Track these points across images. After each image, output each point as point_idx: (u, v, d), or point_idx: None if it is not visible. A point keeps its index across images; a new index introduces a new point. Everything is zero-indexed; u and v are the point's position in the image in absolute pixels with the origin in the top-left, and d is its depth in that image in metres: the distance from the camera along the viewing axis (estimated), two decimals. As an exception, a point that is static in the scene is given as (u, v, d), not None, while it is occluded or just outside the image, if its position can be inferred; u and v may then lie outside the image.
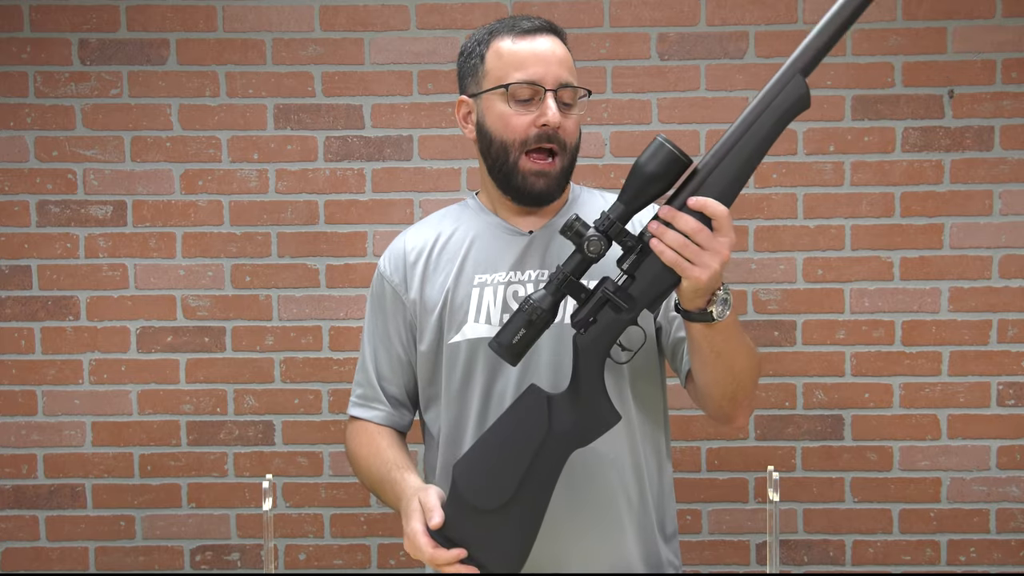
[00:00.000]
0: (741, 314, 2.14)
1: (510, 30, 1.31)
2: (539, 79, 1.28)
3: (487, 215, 1.39)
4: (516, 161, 1.29)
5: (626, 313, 1.17)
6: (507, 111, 1.29)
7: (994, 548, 2.15)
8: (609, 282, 1.18)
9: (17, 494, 2.19)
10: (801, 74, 1.13)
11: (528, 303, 1.17)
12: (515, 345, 1.17)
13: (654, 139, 1.14)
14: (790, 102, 1.13)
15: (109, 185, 2.16)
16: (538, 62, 1.28)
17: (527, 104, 1.28)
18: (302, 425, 2.18)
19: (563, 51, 1.31)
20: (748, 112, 1.13)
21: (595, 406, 1.20)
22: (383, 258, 1.43)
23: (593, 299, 1.18)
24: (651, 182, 1.13)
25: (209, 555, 2.20)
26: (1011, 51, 2.09)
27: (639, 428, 1.34)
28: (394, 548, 2.19)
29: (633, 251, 1.16)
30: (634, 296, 1.16)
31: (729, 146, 1.13)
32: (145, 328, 2.17)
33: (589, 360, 1.19)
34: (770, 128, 1.13)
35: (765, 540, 2.14)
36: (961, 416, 2.14)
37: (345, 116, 2.15)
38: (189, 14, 2.13)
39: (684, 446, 2.16)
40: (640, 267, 1.16)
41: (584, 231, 1.15)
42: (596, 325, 1.18)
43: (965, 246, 2.12)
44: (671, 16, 2.12)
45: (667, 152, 1.12)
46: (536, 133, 1.27)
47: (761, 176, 2.13)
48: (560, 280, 1.17)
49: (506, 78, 1.29)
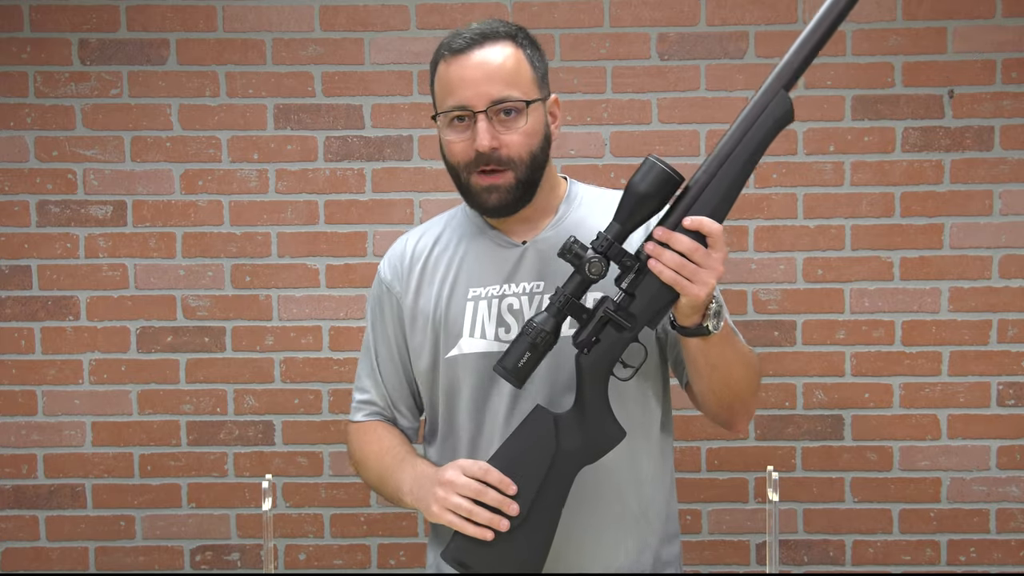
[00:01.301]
0: (741, 314, 2.14)
1: (445, 48, 1.28)
2: (467, 102, 1.25)
3: (479, 223, 1.38)
4: (468, 180, 1.29)
5: (628, 332, 1.19)
6: (449, 137, 1.28)
7: (994, 548, 2.15)
8: (609, 301, 1.20)
9: (17, 494, 2.19)
10: (784, 89, 1.16)
11: (531, 327, 1.18)
12: (520, 369, 1.19)
13: (645, 159, 1.16)
14: (775, 118, 1.16)
15: (109, 185, 2.16)
16: (465, 84, 1.25)
17: (464, 125, 1.27)
18: (302, 425, 2.18)
19: (500, 61, 1.26)
20: (735, 129, 1.16)
21: (601, 425, 1.22)
22: (384, 262, 1.42)
23: (594, 319, 1.20)
24: (645, 201, 1.16)
25: (209, 555, 2.20)
26: (1011, 51, 2.09)
27: (642, 436, 1.35)
28: (394, 548, 2.19)
29: (631, 270, 1.18)
30: (635, 314, 1.19)
31: (719, 163, 1.16)
32: (145, 328, 2.17)
33: (593, 380, 1.21)
34: (757, 144, 1.16)
35: (765, 540, 2.14)
36: (961, 416, 2.14)
37: (345, 116, 2.15)
38: (189, 14, 2.13)
39: (684, 446, 2.16)
40: (639, 286, 1.18)
41: (583, 253, 1.17)
42: (599, 345, 1.20)
43: (965, 246, 2.12)
44: (671, 16, 2.12)
45: (659, 171, 1.15)
46: (475, 156, 1.26)
47: (761, 176, 2.13)
48: (562, 303, 1.19)
49: (441, 105, 1.28)
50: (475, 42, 1.27)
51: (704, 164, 1.17)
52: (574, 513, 1.29)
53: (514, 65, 1.27)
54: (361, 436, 1.41)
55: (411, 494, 1.28)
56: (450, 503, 1.20)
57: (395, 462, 1.34)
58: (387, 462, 1.35)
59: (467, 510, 1.19)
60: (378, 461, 1.36)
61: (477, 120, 1.25)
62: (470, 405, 1.33)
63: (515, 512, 1.19)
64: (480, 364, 1.31)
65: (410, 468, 1.31)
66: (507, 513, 1.19)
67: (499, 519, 1.19)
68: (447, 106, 1.27)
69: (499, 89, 1.25)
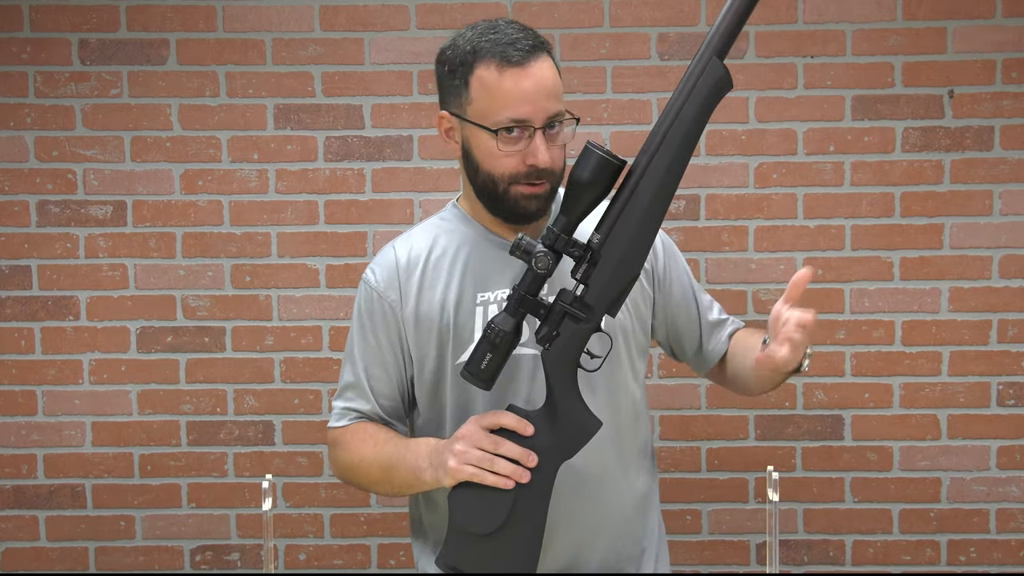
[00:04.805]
0: (741, 314, 2.14)
1: (496, 56, 1.23)
2: (528, 117, 1.23)
3: (475, 226, 1.37)
4: (507, 189, 1.27)
5: (586, 322, 1.19)
6: (495, 149, 1.25)
7: (994, 548, 2.15)
8: (566, 294, 1.20)
9: (17, 494, 2.19)
10: (717, 56, 1.14)
11: (491, 327, 1.19)
12: (484, 371, 1.19)
13: (584, 147, 1.16)
14: (710, 85, 1.14)
15: (109, 185, 2.16)
16: (525, 100, 1.22)
17: (514, 138, 1.24)
18: (302, 425, 2.18)
19: (552, 76, 1.26)
20: (670, 104, 1.15)
21: (573, 417, 1.21)
22: (371, 271, 1.39)
23: (552, 314, 1.20)
24: (588, 189, 1.16)
25: (209, 555, 2.20)
26: (1011, 51, 2.09)
27: (628, 429, 1.37)
28: (394, 548, 2.19)
29: (583, 260, 1.19)
30: (590, 304, 1.19)
31: (659, 141, 1.15)
32: (145, 328, 2.17)
33: (558, 373, 1.21)
34: (696, 115, 1.15)
35: (765, 540, 2.14)
36: (961, 416, 2.14)
37: (345, 116, 2.15)
38: (189, 14, 2.13)
39: (684, 446, 2.16)
40: (592, 275, 1.18)
41: (532, 248, 1.17)
42: (560, 338, 1.20)
43: (965, 246, 2.12)
44: (671, 16, 2.12)
45: (598, 158, 1.15)
46: (526, 171, 1.25)
47: (761, 176, 2.13)
48: (517, 299, 1.19)
49: (493, 116, 1.23)
50: (530, 55, 1.24)
51: (644, 144, 1.16)
52: (563, 519, 1.30)
53: (558, 80, 1.27)
54: (351, 437, 1.37)
55: (432, 466, 1.24)
56: (471, 456, 1.18)
57: (401, 446, 1.31)
58: (390, 450, 1.31)
59: (489, 460, 1.18)
60: (379, 453, 1.32)
61: (535, 135, 1.24)
62: (479, 410, 1.31)
63: (534, 463, 1.18)
64: None
65: (423, 444, 1.28)
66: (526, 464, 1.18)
67: (520, 470, 1.18)
68: (503, 118, 1.23)
69: (555, 105, 1.25)
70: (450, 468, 1.19)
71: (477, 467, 1.18)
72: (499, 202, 1.29)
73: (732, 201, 2.13)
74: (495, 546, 1.20)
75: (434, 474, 1.24)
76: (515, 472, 1.18)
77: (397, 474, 1.30)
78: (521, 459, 1.18)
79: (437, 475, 1.23)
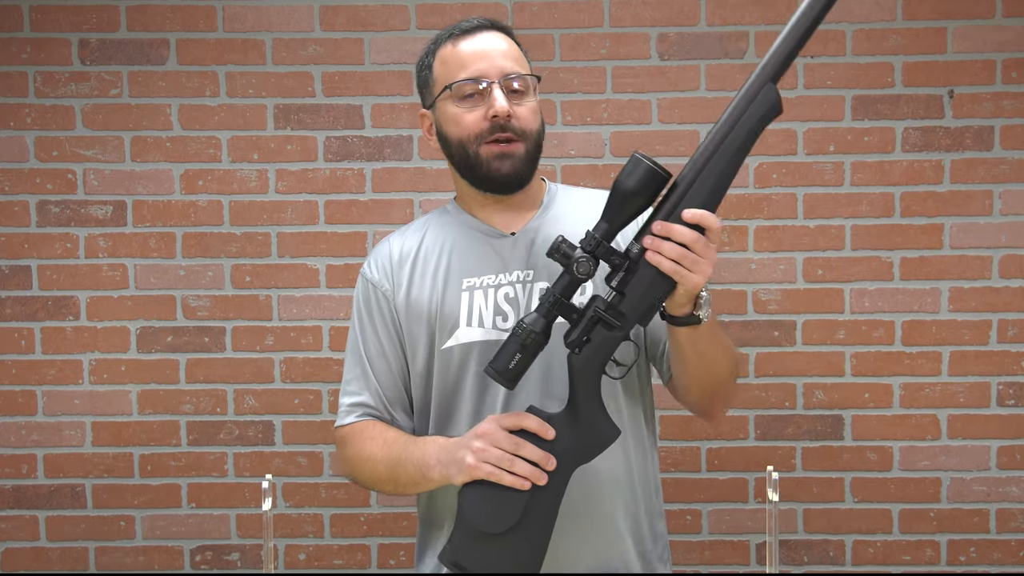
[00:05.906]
0: (741, 314, 2.14)
1: (450, 34, 1.35)
2: (481, 73, 1.30)
3: (465, 216, 1.40)
4: (477, 152, 1.31)
5: (619, 330, 1.19)
6: (457, 111, 1.32)
7: (994, 548, 2.15)
8: (600, 300, 1.20)
9: (17, 494, 2.19)
10: (772, 81, 1.15)
11: (521, 327, 1.18)
12: (511, 370, 1.19)
13: (632, 156, 1.16)
14: (763, 111, 1.14)
15: (109, 185, 2.16)
16: (478, 58, 1.31)
17: (475, 99, 1.31)
18: (302, 425, 2.18)
19: (507, 44, 1.34)
20: (722, 123, 1.15)
21: (595, 424, 1.22)
22: (368, 265, 1.42)
23: (585, 319, 1.20)
24: (632, 198, 1.16)
25: (209, 555, 2.20)
26: (1011, 51, 2.09)
27: (632, 435, 1.36)
28: (394, 548, 2.19)
29: (620, 268, 1.18)
30: (625, 312, 1.18)
31: (707, 158, 1.15)
32: (145, 328, 2.17)
33: (585, 379, 1.21)
34: (745, 138, 1.15)
35: (765, 540, 2.14)
36: (961, 416, 2.14)
37: (345, 116, 2.15)
38: (189, 14, 2.13)
39: (684, 446, 2.16)
40: (629, 284, 1.18)
41: (571, 252, 1.17)
42: (590, 344, 1.20)
43: (965, 246, 2.12)
44: (671, 16, 2.12)
45: (645, 168, 1.14)
46: (489, 125, 1.30)
47: (761, 176, 2.13)
48: (551, 302, 1.19)
49: (451, 79, 1.32)
50: (482, 26, 1.34)
51: (692, 159, 1.16)
52: (567, 522, 1.29)
53: (518, 51, 1.36)
54: (359, 435, 1.38)
55: (439, 463, 1.25)
56: (491, 455, 1.19)
57: (409, 444, 1.31)
58: (398, 448, 1.32)
59: (509, 460, 1.18)
60: (387, 451, 1.33)
61: (492, 89, 1.29)
62: (466, 396, 1.33)
63: (553, 467, 1.19)
64: (479, 351, 1.32)
65: (430, 443, 1.29)
66: (545, 468, 1.19)
67: (539, 473, 1.18)
68: (459, 78, 1.31)
69: (511, 65, 1.32)
70: (468, 465, 1.20)
71: (496, 466, 1.18)
72: (475, 169, 1.33)
73: (732, 201, 2.13)
74: (501, 546, 1.20)
75: (443, 471, 1.24)
76: (533, 474, 1.18)
77: (403, 471, 1.31)
78: (541, 462, 1.18)
79: (447, 472, 1.23)
